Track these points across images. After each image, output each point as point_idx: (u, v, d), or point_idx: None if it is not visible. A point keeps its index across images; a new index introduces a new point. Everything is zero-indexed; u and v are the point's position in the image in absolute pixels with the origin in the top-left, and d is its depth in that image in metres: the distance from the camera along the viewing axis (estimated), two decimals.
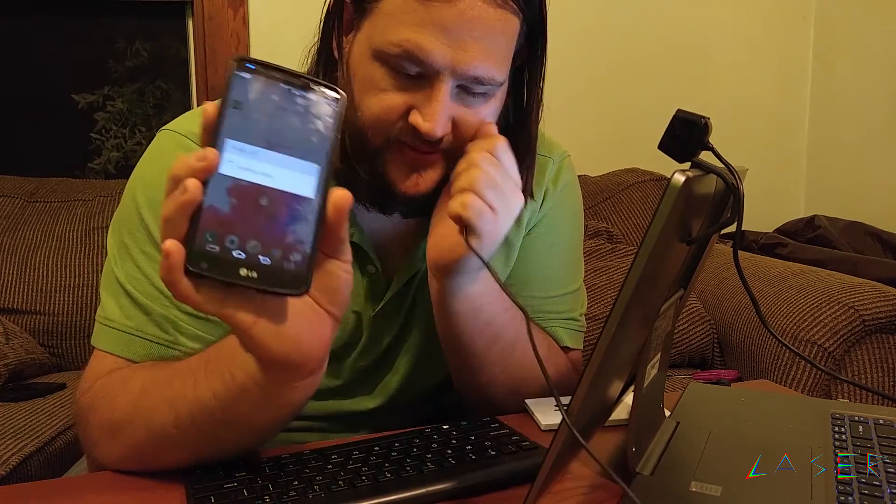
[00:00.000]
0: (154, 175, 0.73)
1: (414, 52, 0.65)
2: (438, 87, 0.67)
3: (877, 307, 1.38)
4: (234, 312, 0.48)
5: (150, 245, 0.71)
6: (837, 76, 2.38)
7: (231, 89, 0.46)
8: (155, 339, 0.70)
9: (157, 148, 0.75)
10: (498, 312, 0.74)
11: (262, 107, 0.46)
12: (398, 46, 0.65)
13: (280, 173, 0.46)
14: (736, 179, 0.55)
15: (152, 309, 0.70)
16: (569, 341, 0.87)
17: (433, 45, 0.65)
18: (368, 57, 0.68)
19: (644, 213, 1.98)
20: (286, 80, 0.47)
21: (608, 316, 0.46)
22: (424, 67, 0.66)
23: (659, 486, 0.58)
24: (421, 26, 0.65)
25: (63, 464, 1.24)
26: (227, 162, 0.45)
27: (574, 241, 0.91)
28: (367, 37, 0.68)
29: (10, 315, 1.64)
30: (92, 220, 1.76)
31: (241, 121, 0.46)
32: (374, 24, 0.68)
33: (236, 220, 0.45)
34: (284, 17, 1.95)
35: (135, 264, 0.71)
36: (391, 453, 0.63)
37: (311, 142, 0.47)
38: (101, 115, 2.04)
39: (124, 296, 0.71)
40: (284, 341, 0.51)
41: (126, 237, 0.72)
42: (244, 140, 0.46)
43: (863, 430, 0.69)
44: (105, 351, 0.70)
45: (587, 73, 2.21)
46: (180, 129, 0.75)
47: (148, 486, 0.62)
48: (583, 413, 0.50)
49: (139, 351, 0.69)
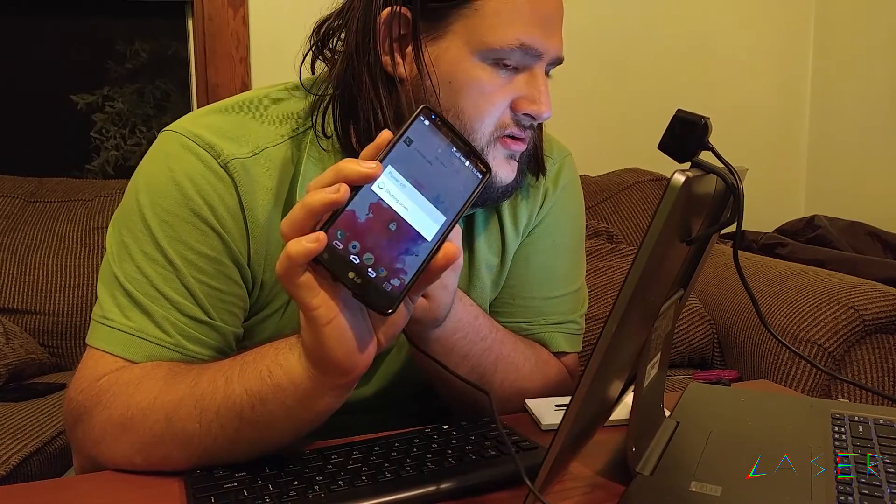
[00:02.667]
0: (158, 177, 0.72)
1: (532, 46, 0.70)
2: (539, 72, 0.72)
3: (877, 307, 1.38)
4: (321, 303, 0.53)
5: (151, 246, 0.71)
6: (837, 76, 2.38)
7: (410, 127, 0.54)
8: (156, 341, 0.69)
9: (161, 149, 0.75)
10: (474, 342, 0.74)
11: (426, 152, 0.55)
12: (516, 40, 0.69)
13: (415, 210, 0.54)
14: (736, 179, 0.55)
15: (153, 310, 0.69)
16: (566, 346, 0.87)
17: (544, 36, 0.71)
18: (470, 58, 0.70)
19: (644, 213, 1.98)
20: (454, 140, 0.56)
21: (608, 316, 0.46)
22: (533, 57, 0.71)
23: (659, 486, 0.58)
24: (530, 18, 0.70)
25: (63, 464, 1.24)
26: (380, 182, 0.53)
27: (575, 242, 0.91)
28: (466, 40, 0.70)
29: (10, 315, 1.64)
30: (92, 220, 1.75)
31: (406, 156, 0.54)
32: (473, 26, 0.70)
33: (365, 231, 0.52)
34: (284, 17, 1.95)
35: (135, 265, 0.70)
36: (391, 453, 0.63)
37: (449, 197, 0.55)
38: (100, 116, 2.04)
39: (124, 295, 0.70)
40: (344, 345, 0.55)
41: (126, 236, 0.72)
42: (401, 172, 0.53)
43: (863, 430, 0.69)
44: (104, 350, 0.69)
45: (587, 73, 2.21)
46: (183, 130, 0.74)
47: (148, 485, 0.62)
48: (582, 413, 0.50)
49: (140, 352, 0.69)
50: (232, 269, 0.73)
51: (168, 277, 0.70)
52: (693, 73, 2.33)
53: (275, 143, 0.75)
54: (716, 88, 2.36)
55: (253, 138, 0.74)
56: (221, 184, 0.71)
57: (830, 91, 2.40)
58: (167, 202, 0.71)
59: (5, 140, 1.99)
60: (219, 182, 0.71)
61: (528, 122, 0.73)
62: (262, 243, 0.74)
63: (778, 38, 2.42)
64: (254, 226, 0.73)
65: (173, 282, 0.70)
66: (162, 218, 0.70)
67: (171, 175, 0.71)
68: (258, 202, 0.73)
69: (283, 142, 0.75)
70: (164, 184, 0.71)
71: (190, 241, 0.71)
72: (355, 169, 0.51)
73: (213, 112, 0.77)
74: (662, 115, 0.67)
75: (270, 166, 0.74)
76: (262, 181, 0.73)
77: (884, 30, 2.21)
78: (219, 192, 0.71)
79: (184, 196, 0.70)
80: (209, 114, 0.76)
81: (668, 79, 2.30)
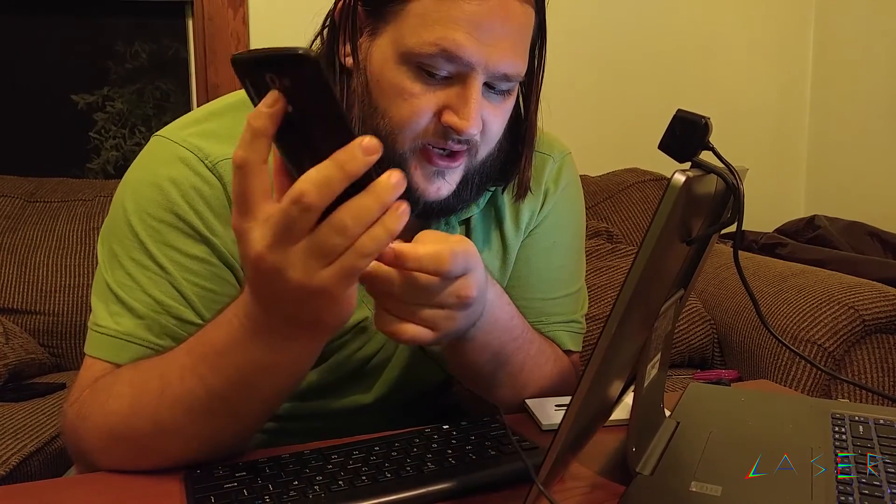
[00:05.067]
0: (143, 184, 0.72)
1: (451, 50, 0.65)
2: (472, 84, 0.66)
3: (877, 307, 1.38)
4: (353, 291, 0.52)
5: (139, 252, 0.70)
6: (837, 76, 2.38)
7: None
8: (145, 344, 0.69)
9: (148, 155, 0.74)
10: (505, 342, 0.71)
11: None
12: (435, 45, 0.65)
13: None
14: (736, 179, 0.55)
15: (144, 314, 0.69)
16: (570, 344, 0.87)
17: (469, 41, 0.65)
18: (395, 61, 0.67)
19: (644, 213, 1.98)
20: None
21: (608, 316, 0.46)
22: (460, 65, 0.66)
23: (659, 486, 0.58)
24: (456, 24, 0.65)
25: (63, 464, 1.24)
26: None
27: (576, 242, 0.90)
28: (393, 41, 0.68)
29: (10, 315, 1.64)
30: (92, 220, 1.75)
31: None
32: (400, 27, 0.67)
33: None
34: (284, 17, 1.95)
35: (125, 271, 0.70)
36: (391, 453, 0.63)
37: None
38: (100, 116, 2.04)
39: (115, 302, 0.70)
40: (351, 306, 0.53)
41: (115, 245, 0.71)
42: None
43: (863, 430, 0.69)
44: (94, 357, 0.69)
45: (587, 73, 2.21)
46: (172, 135, 0.73)
47: (148, 485, 0.62)
48: (583, 413, 0.50)
49: (128, 356, 0.68)
50: (224, 271, 0.72)
51: (158, 282, 0.69)
52: (693, 73, 2.33)
53: None
54: (716, 88, 2.36)
55: None
56: (208, 186, 0.71)
57: (830, 91, 2.40)
58: (152, 208, 0.70)
59: (5, 140, 1.99)
60: (205, 185, 0.71)
61: (451, 135, 0.68)
62: None
63: (778, 38, 2.42)
64: None
65: (164, 285, 0.70)
66: (148, 224, 0.70)
67: (156, 181, 0.71)
68: None
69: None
70: (148, 190, 0.71)
71: (178, 244, 0.70)
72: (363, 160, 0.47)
73: (204, 116, 0.76)
74: (662, 115, 0.67)
75: None
76: None
77: (884, 30, 2.21)
78: (205, 196, 0.71)
79: (168, 201, 0.70)
80: (199, 118, 0.76)
81: (668, 79, 2.30)
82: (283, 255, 0.50)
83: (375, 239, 0.49)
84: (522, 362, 0.75)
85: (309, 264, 0.49)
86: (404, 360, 0.83)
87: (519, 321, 0.74)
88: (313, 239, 0.49)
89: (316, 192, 0.47)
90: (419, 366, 0.84)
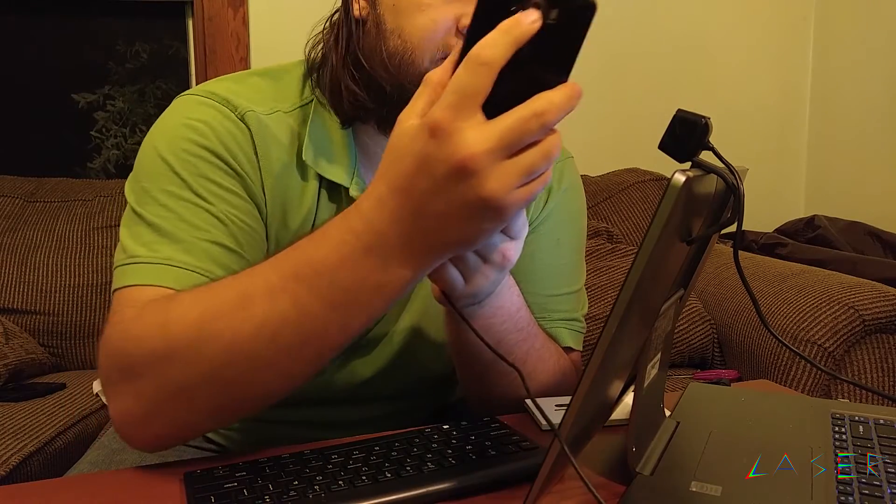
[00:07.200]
0: (175, 127, 0.72)
1: None
2: None
3: (877, 307, 1.38)
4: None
5: (174, 185, 0.68)
6: (837, 76, 2.38)
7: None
8: (187, 267, 0.65)
9: (177, 108, 0.75)
10: (510, 331, 0.72)
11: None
12: None
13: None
14: (736, 179, 0.55)
15: (182, 238, 0.67)
16: (571, 342, 0.87)
17: None
18: None
19: (644, 213, 1.98)
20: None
21: (608, 316, 0.46)
22: None
23: (659, 486, 0.58)
24: None
25: (63, 464, 1.24)
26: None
27: (578, 242, 0.91)
28: None
29: (10, 315, 1.64)
30: (92, 220, 1.76)
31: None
32: None
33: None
34: (284, 17, 1.95)
35: (159, 204, 0.68)
36: (391, 453, 0.63)
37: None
38: (100, 115, 2.04)
39: (150, 231, 0.67)
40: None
41: (146, 182, 0.70)
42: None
43: (863, 430, 0.69)
44: (133, 285, 0.65)
45: (587, 73, 2.20)
46: (198, 91, 0.75)
47: (148, 485, 0.62)
48: (583, 413, 0.50)
49: (172, 280, 0.65)
50: (255, 210, 0.73)
51: (195, 210, 0.68)
52: (693, 73, 2.33)
53: (287, 109, 0.77)
54: (716, 88, 2.36)
55: (269, 101, 0.76)
56: (238, 130, 0.72)
57: (830, 91, 2.40)
58: (186, 144, 0.70)
59: (5, 140, 1.99)
60: (235, 128, 0.72)
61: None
62: (277, 196, 0.74)
63: (778, 38, 2.42)
64: (268, 176, 0.73)
65: (201, 213, 0.68)
66: (182, 158, 0.70)
67: (188, 122, 0.71)
68: (272, 154, 0.74)
69: (293, 109, 0.77)
70: (181, 129, 0.71)
71: (214, 177, 0.70)
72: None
73: (228, 79, 0.78)
74: (662, 115, 0.67)
75: (284, 126, 0.75)
76: (276, 135, 0.74)
77: (884, 30, 2.21)
78: (236, 137, 0.72)
79: (203, 138, 0.71)
80: (218, 83, 0.77)
81: (668, 79, 2.30)
82: (494, 163, 0.48)
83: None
84: (525, 354, 0.75)
85: (511, 181, 0.49)
86: (403, 337, 0.83)
87: (525, 314, 0.74)
88: (527, 158, 0.49)
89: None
90: (418, 348, 0.84)
